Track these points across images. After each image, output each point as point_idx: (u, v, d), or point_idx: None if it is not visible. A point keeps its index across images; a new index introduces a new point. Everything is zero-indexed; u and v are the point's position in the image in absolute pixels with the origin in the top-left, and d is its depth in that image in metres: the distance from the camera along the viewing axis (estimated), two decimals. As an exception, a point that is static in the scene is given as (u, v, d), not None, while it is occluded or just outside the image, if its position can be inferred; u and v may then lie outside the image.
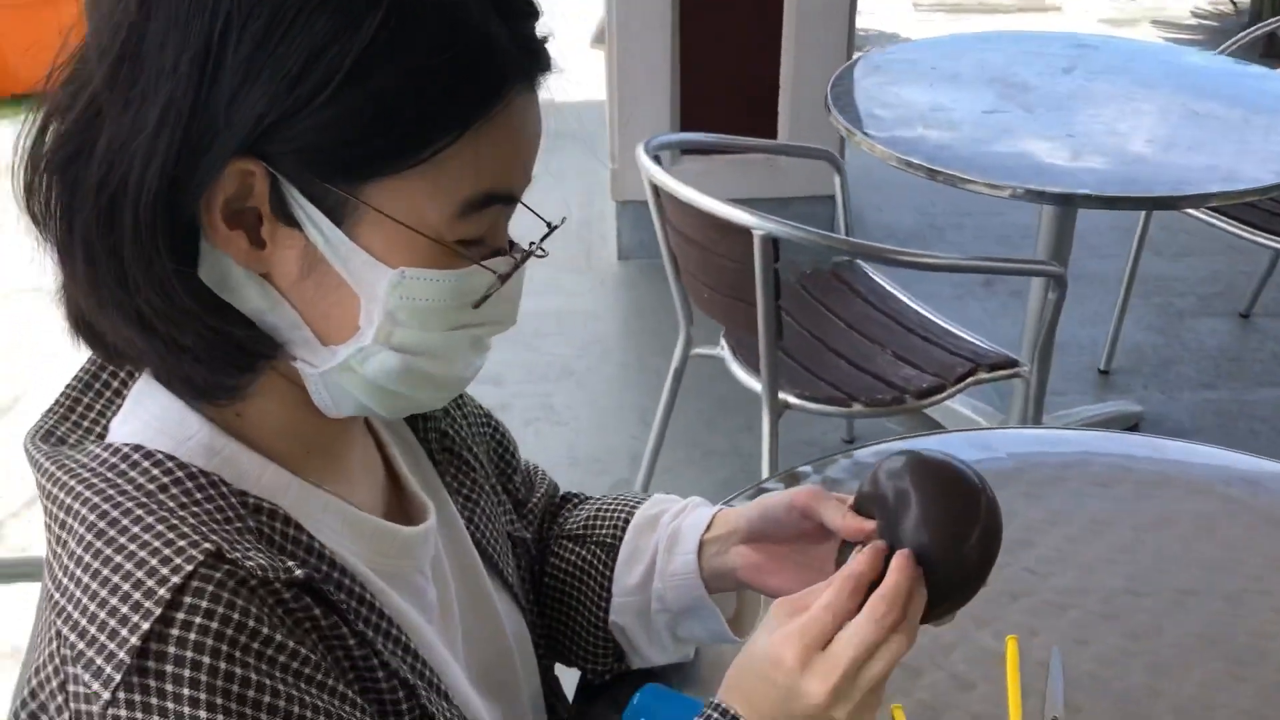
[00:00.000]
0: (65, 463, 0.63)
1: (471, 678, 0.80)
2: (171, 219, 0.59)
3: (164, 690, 0.55)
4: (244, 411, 0.67)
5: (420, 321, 0.64)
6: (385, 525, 0.73)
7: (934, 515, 0.73)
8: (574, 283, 3.54)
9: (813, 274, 2.46)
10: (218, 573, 0.58)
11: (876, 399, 2.09)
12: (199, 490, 0.62)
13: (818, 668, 0.68)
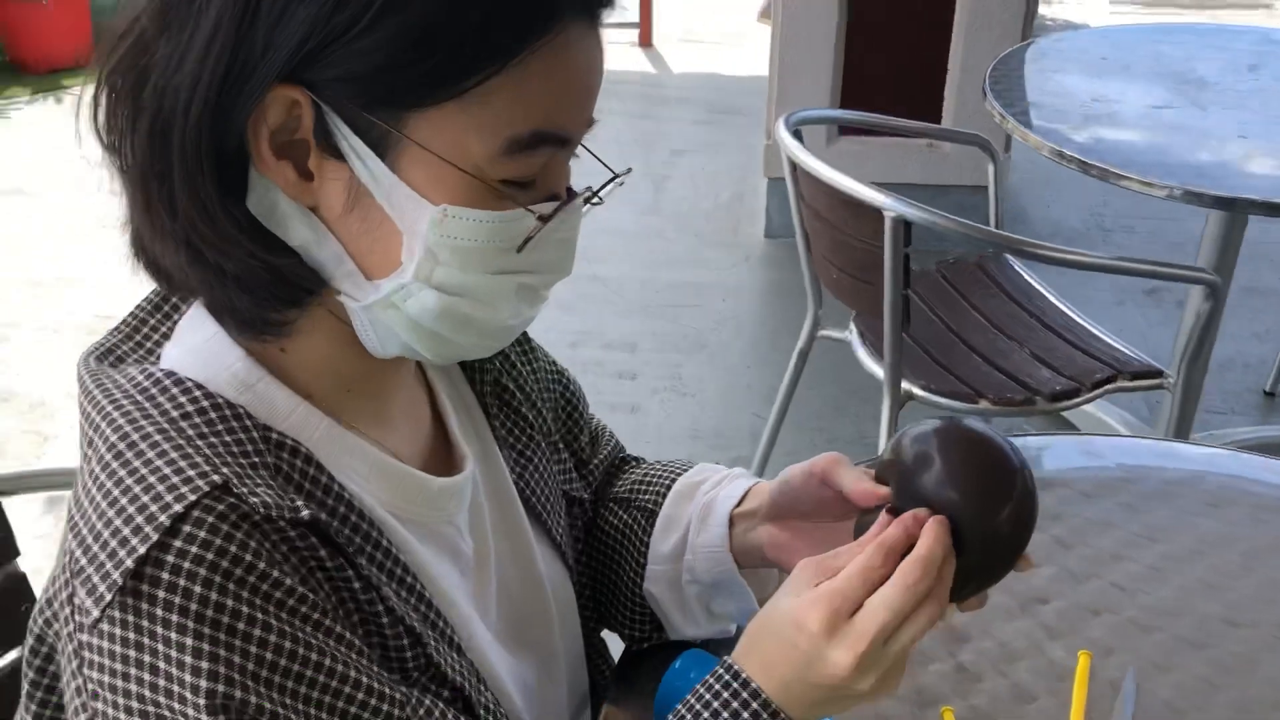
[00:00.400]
0: (104, 382, 0.65)
1: (501, 632, 0.80)
2: (218, 146, 0.60)
3: (153, 614, 0.57)
4: (289, 348, 0.68)
5: (461, 261, 0.63)
6: (414, 474, 0.73)
7: (965, 487, 0.70)
8: (718, 256, 3.51)
9: (954, 264, 2.38)
10: (221, 505, 0.58)
11: (1006, 397, 2.00)
12: (221, 421, 0.63)
13: (844, 636, 0.65)
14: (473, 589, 0.78)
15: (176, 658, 0.57)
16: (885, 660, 0.66)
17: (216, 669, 0.57)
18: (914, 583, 0.65)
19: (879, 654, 0.65)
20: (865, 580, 0.66)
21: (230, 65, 0.59)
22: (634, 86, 4.90)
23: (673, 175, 4.07)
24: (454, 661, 0.70)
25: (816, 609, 0.66)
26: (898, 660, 0.66)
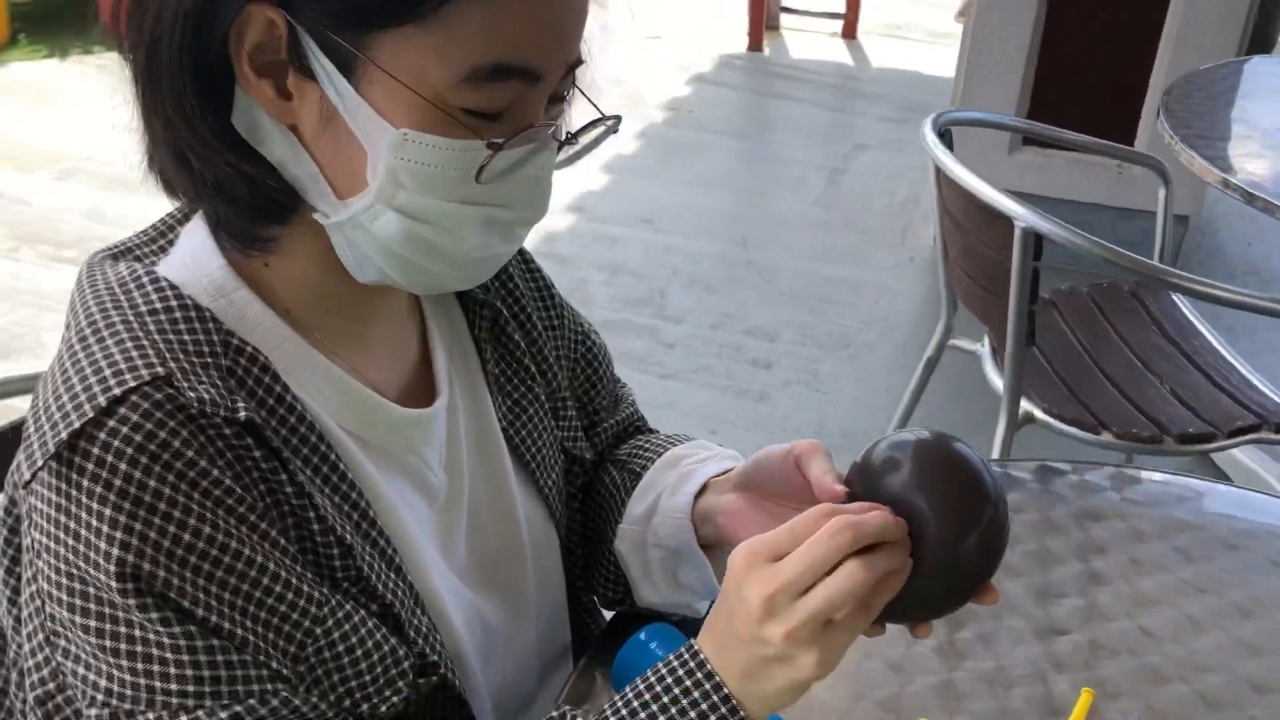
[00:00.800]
0: (94, 275, 0.70)
1: (466, 569, 0.81)
2: (200, 59, 0.64)
3: (80, 484, 0.61)
4: (272, 264, 0.71)
5: (421, 186, 0.65)
6: (376, 398, 0.75)
7: (934, 501, 0.66)
8: (881, 256, 3.44)
9: (1108, 288, 2.26)
10: (159, 394, 0.62)
11: (1131, 432, 1.90)
12: (184, 321, 0.67)
13: (760, 574, 0.64)
14: (439, 522, 0.80)
15: (95, 525, 0.61)
16: (798, 613, 0.63)
17: (129, 540, 0.60)
18: (835, 532, 0.63)
19: (790, 604, 0.63)
20: (794, 533, 0.64)
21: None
22: (829, 78, 4.83)
23: (849, 170, 4.00)
24: (388, 580, 0.72)
25: (742, 551, 0.65)
26: (815, 615, 0.63)
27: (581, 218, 3.61)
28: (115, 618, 0.62)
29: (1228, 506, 1.14)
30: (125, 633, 0.62)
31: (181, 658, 0.62)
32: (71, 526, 0.61)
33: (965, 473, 0.68)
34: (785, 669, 0.64)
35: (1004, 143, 3.31)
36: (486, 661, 0.82)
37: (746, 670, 0.65)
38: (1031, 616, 1.00)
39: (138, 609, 0.61)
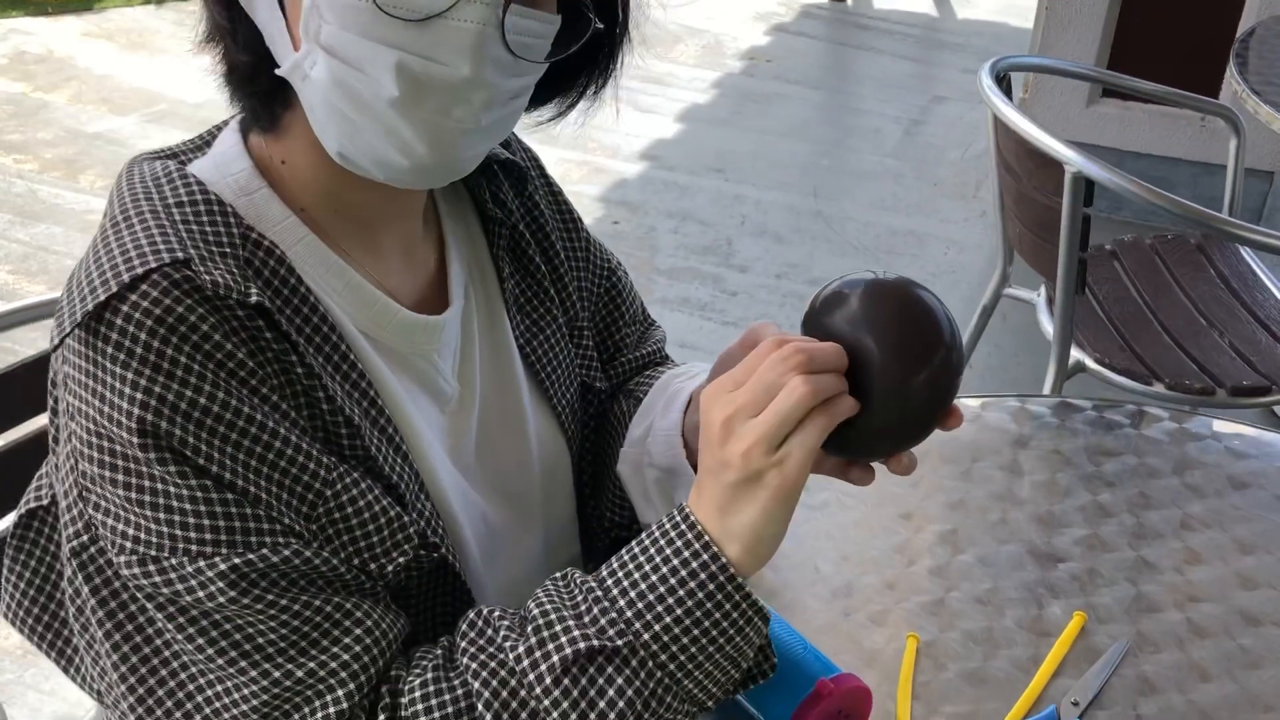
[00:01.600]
0: (132, 171, 0.75)
1: (475, 472, 0.86)
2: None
3: (104, 350, 0.67)
4: (289, 159, 0.76)
5: (338, 17, 0.66)
6: (386, 300, 0.79)
7: (887, 338, 0.68)
8: (951, 208, 3.41)
9: (1173, 240, 2.23)
10: (177, 275, 0.68)
11: (1183, 383, 1.88)
12: (208, 215, 0.72)
13: (721, 401, 0.68)
14: (449, 426, 0.85)
15: (118, 388, 0.66)
16: (751, 432, 0.66)
17: (149, 400, 0.66)
18: (786, 355, 0.66)
19: (745, 420, 0.66)
20: (748, 365, 0.68)
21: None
22: (913, 28, 4.77)
23: (927, 122, 3.96)
24: (393, 462, 0.77)
25: (708, 389, 0.69)
26: (769, 432, 0.65)
27: (652, 165, 3.63)
28: (139, 472, 0.67)
29: (1242, 445, 1.14)
30: (149, 485, 0.67)
31: (199, 508, 0.68)
32: (97, 389, 0.67)
33: (917, 310, 0.69)
34: (749, 491, 0.67)
35: (1083, 94, 3.25)
36: (490, 559, 0.87)
37: (719, 504, 0.68)
38: (1031, 544, 1.02)
39: (158, 463, 0.67)
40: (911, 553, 1.01)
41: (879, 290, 0.69)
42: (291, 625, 0.70)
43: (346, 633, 0.71)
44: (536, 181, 0.96)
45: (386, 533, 0.74)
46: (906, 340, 0.68)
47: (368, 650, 0.71)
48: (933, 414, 0.70)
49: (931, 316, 0.69)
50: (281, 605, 0.69)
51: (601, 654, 0.68)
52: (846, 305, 0.70)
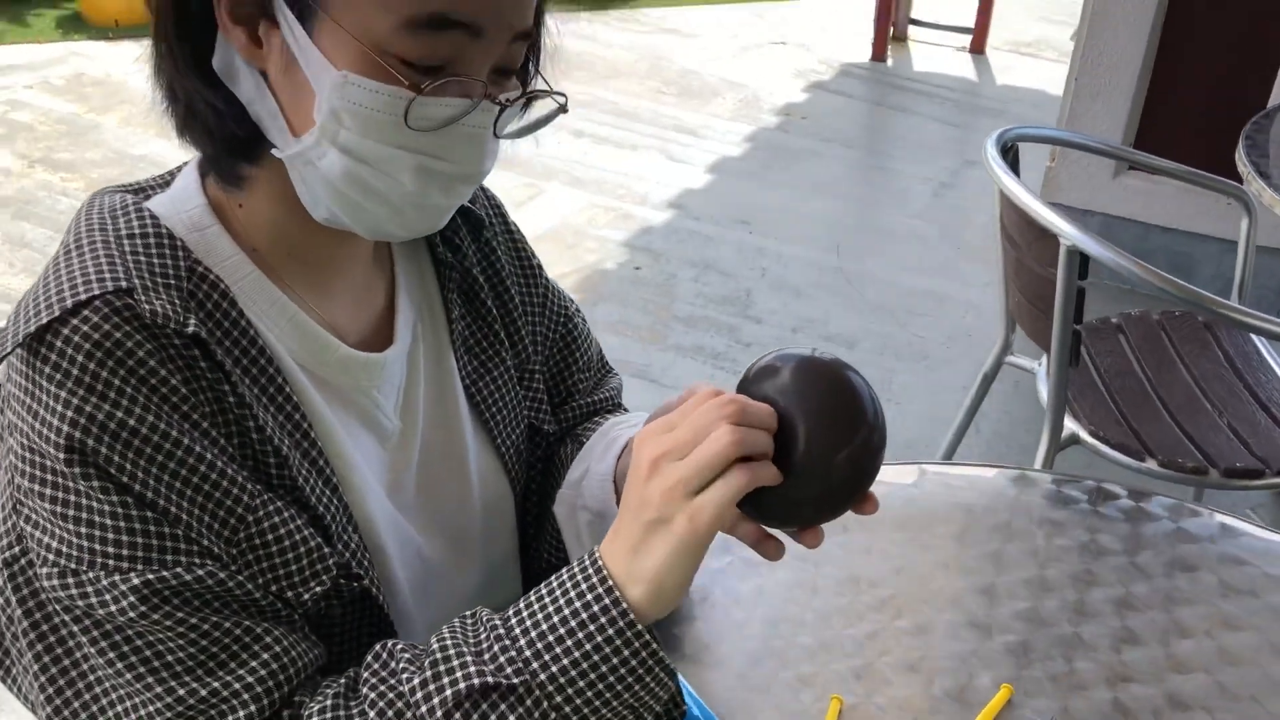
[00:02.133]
0: (93, 203, 0.79)
1: (412, 507, 0.89)
2: (184, 8, 0.73)
3: (42, 370, 0.70)
4: (246, 205, 0.80)
5: (360, 126, 0.72)
6: (326, 336, 0.82)
7: (811, 414, 0.70)
8: (974, 272, 3.42)
9: (1180, 317, 2.22)
10: (119, 303, 0.71)
11: (1175, 461, 1.87)
12: (157, 247, 0.76)
13: (653, 441, 0.70)
14: (389, 461, 0.88)
15: (51, 406, 0.70)
16: (673, 473, 0.68)
17: (79, 419, 0.69)
18: (721, 404, 0.69)
19: (670, 464, 0.69)
20: (683, 410, 0.71)
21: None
22: (951, 92, 4.79)
23: (956, 185, 3.97)
24: (321, 494, 0.80)
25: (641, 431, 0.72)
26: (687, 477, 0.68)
27: (679, 214, 3.68)
28: (65, 486, 0.71)
29: (1194, 528, 1.14)
30: (73, 500, 0.71)
31: (119, 524, 0.71)
32: (33, 407, 0.71)
33: (845, 390, 0.71)
34: (660, 533, 0.69)
35: (1109, 166, 3.26)
36: (423, 594, 0.89)
37: (632, 543, 0.70)
38: (971, 614, 1.03)
39: (82, 479, 0.70)
40: (850, 616, 1.02)
41: (812, 367, 0.72)
42: (199, 645, 0.72)
43: (254, 656, 0.73)
44: (496, 229, 0.99)
45: (305, 562, 0.77)
46: (833, 417, 0.71)
47: (273, 675, 0.74)
48: (851, 491, 0.73)
49: (858, 398, 0.72)
50: (190, 624, 0.72)
51: (495, 690, 0.70)
52: (779, 377, 0.73)
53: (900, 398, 2.87)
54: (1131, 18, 3.07)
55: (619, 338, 3.01)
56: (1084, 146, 2.29)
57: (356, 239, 0.82)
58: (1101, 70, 3.16)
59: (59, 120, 4.16)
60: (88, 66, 4.65)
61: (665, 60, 5.03)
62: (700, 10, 5.73)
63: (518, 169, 3.86)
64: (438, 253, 0.93)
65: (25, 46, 4.83)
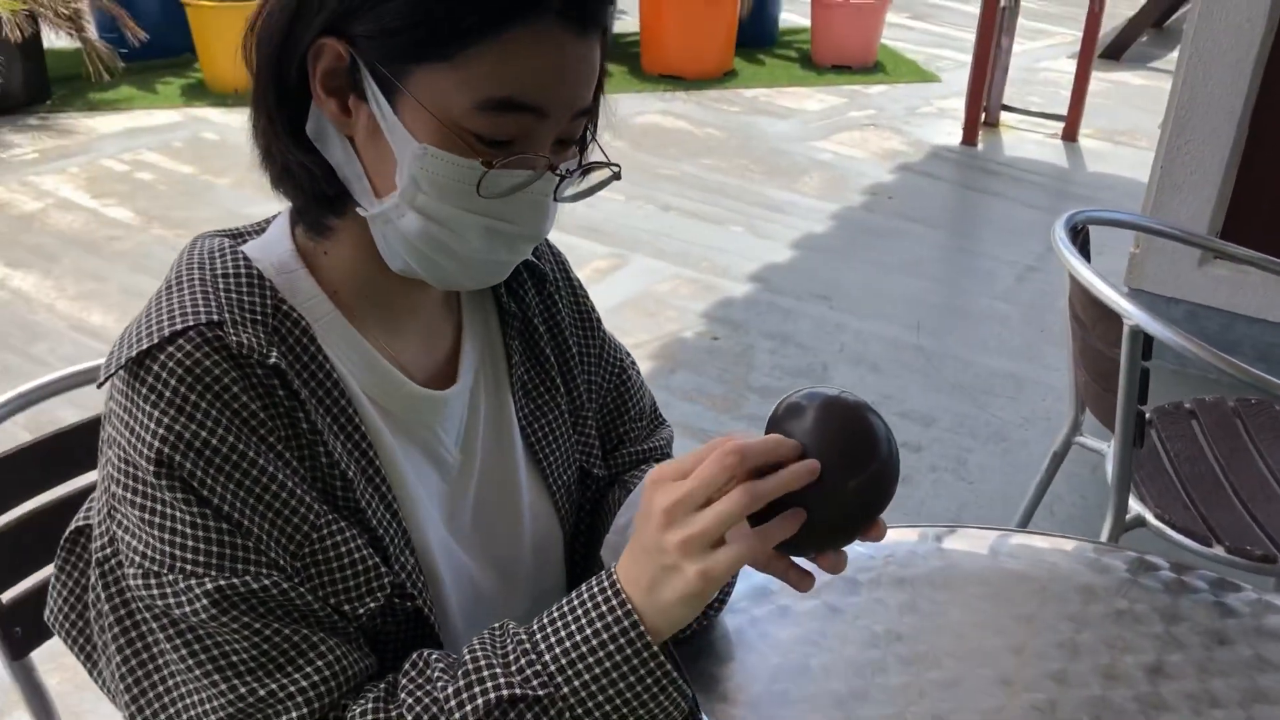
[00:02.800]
0: (195, 245, 0.89)
1: (467, 537, 0.95)
2: (282, 77, 0.82)
3: (139, 391, 0.79)
4: (330, 252, 0.89)
5: (437, 192, 0.80)
6: (395, 374, 0.90)
7: (826, 445, 0.75)
8: (1054, 356, 3.41)
9: (1256, 404, 2.21)
10: (209, 334, 0.80)
11: (1243, 548, 1.85)
12: (248, 287, 0.85)
13: (665, 489, 0.76)
14: (448, 492, 0.94)
15: (145, 423, 0.78)
16: (694, 523, 0.74)
17: (168, 437, 0.78)
18: (724, 455, 0.73)
19: (688, 516, 0.74)
20: (698, 457, 0.76)
21: (293, 17, 0.80)
22: (1041, 177, 4.81)
23: (1042, 269, 3.97)
24: (382, 517, 0.87)
25: (651, 475, 0.77)
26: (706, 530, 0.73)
27: (760, 287, 3.74)
28: (153, 496, 0.79)
29: (1238, 604, 1.15)
30: (158, 509, 0.79)
31: (197, 533, 0.79)
32: (130, 423, 0.79)
33: (861, 427, 0.77)
34: (677, 578, 0.75)
35: (1194, 254, 3.24)
36: (472, 619, 0.95)
37: (650, 582, 0.76)
38: (1002, 671, 1.05)
39: (167, 489, 0.78)
40: (881, 667, 1.06)
41: (833, 405, 0.78)
42: (261, 648, 0.79)
43: (309, 662, 0.80)
44: (559, 283, 1.06)
45: (363, 579, 0.84)
46: (848, 451, 0.76)
47: (325, 681, 0.80)
48: (861, 519, 0.78)
49: (873, 433, 0.78)
50: (255, 629, 0.79)
51: (523, 701, 0.76)
52: (805, 414, 0.78)
53: (975, 477, 2.86)
54: (1220, 106, 3.08)
55: (693, 405, 3.07)
56: (1157, 231, 2.31)
57: (427, 286, 0.90)
58: (1187, 158, 3.16)
59: (177, 181, 4.41)
60: (206, 131, 4.93)
61: (756, 139, 5.14)
62: (794, 92, 5.85)
63: (605, 239, 3.97)
64: (502, 301, 1.00)
65: (152, 112, 5.14)
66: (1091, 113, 5.34)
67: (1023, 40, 6.74)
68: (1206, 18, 3.03)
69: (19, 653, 1.20)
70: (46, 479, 1.21)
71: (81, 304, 3.46)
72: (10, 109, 4.98)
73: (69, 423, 1.21)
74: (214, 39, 5.21)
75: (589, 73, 0.82)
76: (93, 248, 3.84)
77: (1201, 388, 3.10)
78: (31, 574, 1.20)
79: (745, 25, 6.08)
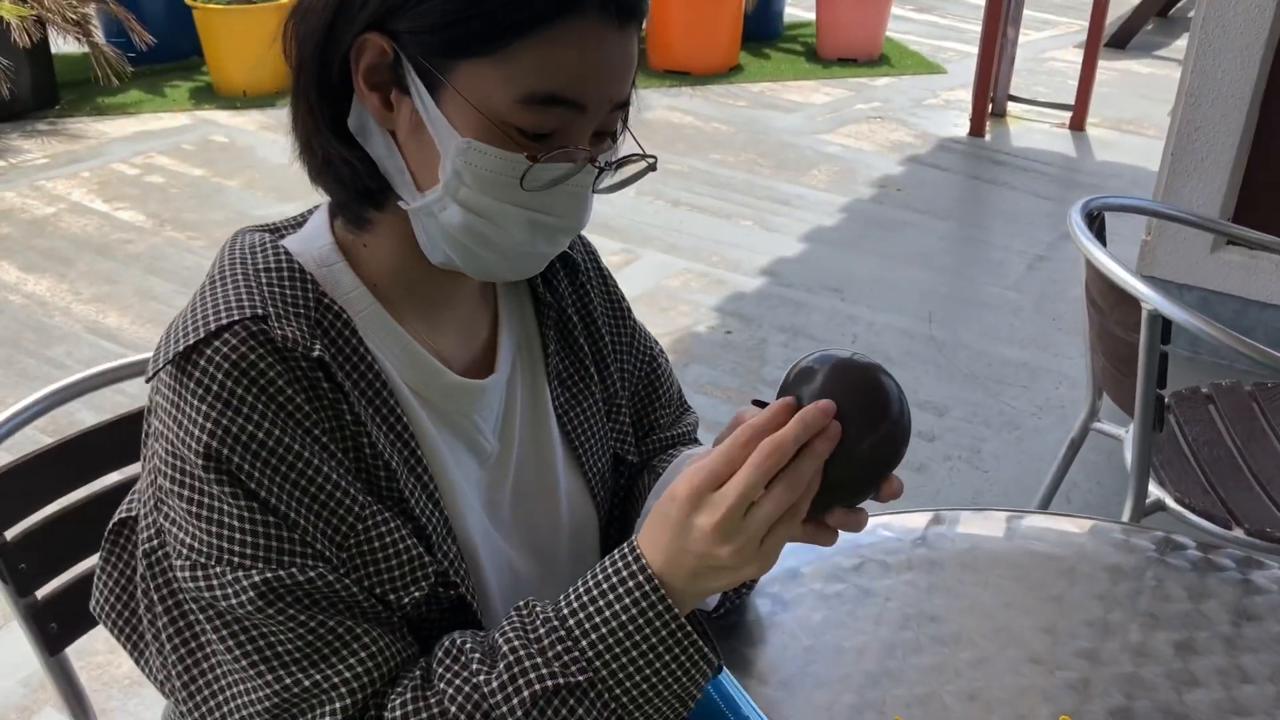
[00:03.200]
0: (236, 240, 0.90)
1: (506, 524, 0.96)
2: (325, 73, 0.83)
3: (186, 385, 0.80)
4: (370, 244, 0.90)
5: (479, 185, 0.81)
6: (435, 364, 0.91)
7: (841, 407, 0.77)
8: (1068, 344, 3.41)
9: (1274, 387, 2.21)
10: (255, 328, 0.81)
11: (1263, 530, 1.86)
12: (290, 280, 0.86)
13: (705, 505, 0.76)
14: (487, 480, 0.95)
15: (193, 417, 0.79)
16: (745, 532, 0.75)
17: (216, 430, 0.78)
18: (762, 460, 0.74)
19: (737, 523, 0.75)
20: (729, 459, 0.76)
21: (336, 13, 0.81)
22: (1049, 166, 4.81)
23: (1052, 258, 3.98)
24: (424, 506, 0.87)
25: (684, 482, 0.77)
26: (756, 534, 0.75)
27: (771, 281, 3.75)
28: (200, 490, 0.80)
29: (1263, 580, 1.15)
30: (206, 502, 0.80)
31: (244, 525, 0.79)
32: (178, 417, 0.80)
33: (875, 388, 0.78)
34: (730, 575, 0.78)
35: (1207, 240, 3.25)
36: (513, 604, 0.96)
37: (695, 572, 0.78)
38: (1033, 650, 1.06)
39: (215, 483, 0.79)
40: (913, 647, 1.06)
41: (845, 367, 0.80)
42: (306, 640, 0.80)
43: (353, 654, 0.81)
44: (590, 273, 1.07)
45: (408, 569, 0.84)
46: (863, 410, 0.78)
47: (368, 672, 0.81)
48: (876, 474, 0.80)
49: (885, 394, 0.79)
50: (300, 620, 0.80)
51: (566, 689, 0.78)
52: (815, 378, 0.80)
53: (989, 466, 2.87)
54: (1230, 92, 3.08)
55: (708, 399, 3.08)
56: (1171, 216, 2.31)
57: (465, 278, 0.91)
58: (1198, 144, 3.16)
59: (188, 183, 4.42)
60: (216, 133, 4.94)
61: (763, 133, 5.15)
62: (800, 85, 5.85)
63: (617, 235, 3.98)
64: (538, 292, 1.01)
65: (162, 115, 5.16)
66: (1098, 102, 5.34)
67: (1029, 30, 6.75)
68: (1216, 3, 3.03)
69: (55, 648, 1.22)
70: (74, 479, 1.22)
71: (97, 306, 3.48)
72: (19, 114, 5.00)
73: (89, 424, 1.22)
74: (221, 42, 5.22)
75: (627, 65, 0.83)
76: (106, 251, 3.86)
77: (1216, 373, 3.11)
78: (66, 570, 1.22)
79: (750, 20, 6.08)
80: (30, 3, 4.65)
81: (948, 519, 1.25)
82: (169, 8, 5.53)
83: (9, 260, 3.79)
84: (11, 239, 3.94)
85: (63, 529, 1.21)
